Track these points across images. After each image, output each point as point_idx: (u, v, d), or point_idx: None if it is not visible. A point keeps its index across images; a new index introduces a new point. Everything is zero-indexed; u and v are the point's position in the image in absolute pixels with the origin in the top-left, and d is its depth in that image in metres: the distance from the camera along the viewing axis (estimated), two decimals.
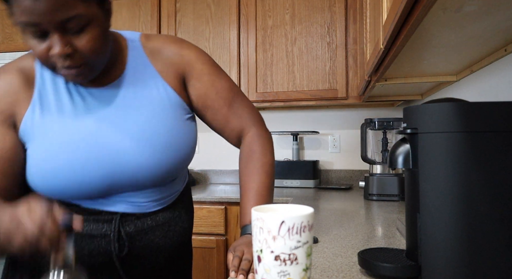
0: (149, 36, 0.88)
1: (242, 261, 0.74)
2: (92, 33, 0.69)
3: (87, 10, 0.68)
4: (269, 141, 0.94)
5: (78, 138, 0.75)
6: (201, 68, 0.87)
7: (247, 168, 0.90)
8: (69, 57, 0.69)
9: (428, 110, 0.60)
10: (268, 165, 0.91)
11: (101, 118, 0.78)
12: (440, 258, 0.59)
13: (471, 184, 0.57)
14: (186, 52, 0.87)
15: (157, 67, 0.84)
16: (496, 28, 0.80)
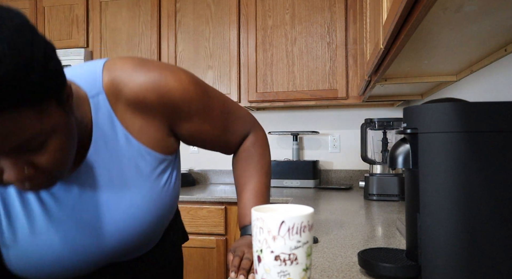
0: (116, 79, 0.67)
1: (243, 261, 0.74)
2: (54, 145, 0.54)
3: (45, 122, 0.51)
4: (266, 141, 0.92)
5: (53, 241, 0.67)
6: (189, 110, 0.73)
7: (247, 169, 0.89)
8: (28, 180, 0.54)
9: (428, 110, 0.60)
10: (267, 166, 0.90)
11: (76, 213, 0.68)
12: (440, 258, 0.59)
13: (471, 184, 0.57)
14: (167, 98, 0.70)
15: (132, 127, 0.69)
16: (496, 28, 0.80)
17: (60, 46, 2.49)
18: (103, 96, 0.66)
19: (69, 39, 2.48)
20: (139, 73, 0.67)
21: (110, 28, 2.44)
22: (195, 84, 0.73)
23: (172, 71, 0.71)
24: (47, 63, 0.50)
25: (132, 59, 0.69)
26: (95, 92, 0.66)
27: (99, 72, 0.67)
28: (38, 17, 2.52)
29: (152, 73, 0.68)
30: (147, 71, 0.68)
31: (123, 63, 0.68)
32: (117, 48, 2.43)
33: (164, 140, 0.73)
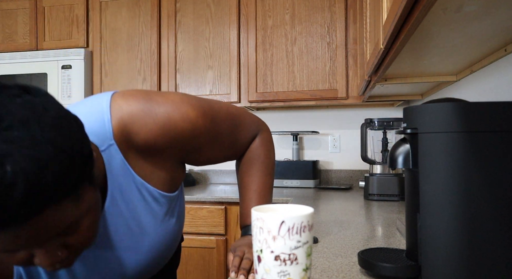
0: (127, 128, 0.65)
1: (243, 260, 0.74)
2: (86, 224, 0.54)
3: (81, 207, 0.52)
4: (271, 141, 0.93)
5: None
6: (199, 144, 0.74)
7: (251, 170, 0.89)
8: (59, 263, 0.54)
9: (428, 110, 0.60)
10: (271, 167, 0.91)
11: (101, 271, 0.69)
12: (440, 258, 0.59)
13: (471, 184, 0.57)
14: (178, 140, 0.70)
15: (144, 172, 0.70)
16: (496, 28, 0.80)
17: (60, 46, 2.49)
18: (115, 147, 0.66)
19: (69, 39, 2.48)
20: (147, 119, 0.66)
21: (110, 28, 2.44)
22: (203, 117, 0.72)
23: (179, 109, 0.69)
24: (82, 149, 0.50)
25: (137, 101, 0.67)
26: (107, 145, 0.65)
27: (108, 123, 0.65)
28: (38, 17, 2.52)
29: (160, 117, 0.67)
30: (155, 116, 0.67)
31: (129, 107, 0.66)
32: (117, 48, 2.43)
33: (175, 176, 0.75)
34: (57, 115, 0.48)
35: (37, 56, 2.43)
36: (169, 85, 2.36)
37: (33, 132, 0.44)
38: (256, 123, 0.89)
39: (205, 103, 0.75)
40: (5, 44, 2.55)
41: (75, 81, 2.38)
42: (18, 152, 0.43)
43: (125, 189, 0.68)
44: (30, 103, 0.47)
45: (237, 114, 0.83)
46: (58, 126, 0.47)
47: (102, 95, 0.69)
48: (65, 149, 0.47)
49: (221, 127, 0.77)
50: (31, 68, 2.44)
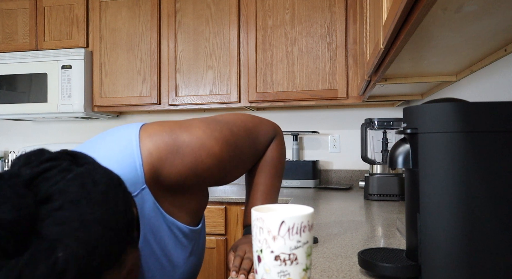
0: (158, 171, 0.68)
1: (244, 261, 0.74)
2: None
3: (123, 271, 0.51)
4: (283, 145, 0.94)
5: None
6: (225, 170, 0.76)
7: (262, 171, 0.90)
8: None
9: (428, 110, 0.60)
10: (281, 170, 0.93)
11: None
12: (440, 258, 0.59)
13: (471, 184, 0.57)
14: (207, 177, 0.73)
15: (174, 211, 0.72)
16: (496, 28, 0.80)
17: (60, 46, 2.49)
18: (147, 190, 0.67)
19: (69, 39, 2.48)
20: (176, 162, 0.69)
21: (110, 28, 2.44)
22: (227, 149, 0.75)
23: (204, 147, 0.71)
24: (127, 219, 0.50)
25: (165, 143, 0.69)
26: (139, 190, 0.67)
27: (140, 168, 0.66)
28: (38, 17, 2.52)
29: (187, 158, 0.69)
30: (183, 156, 0.69)
31: (158, 150, 0.68)
32: (117, 48, 2.43)
33: (200, 205, 0.78)
34: (105, 189, 0.49)
35: (37, 56, 2.43)
36: (169, 85, 2.36)
37: (82, 211, 0.45)
38: (272, 129, 0.91)
39: (226, 131, 0.76)
40: (5, 44, 2.55)
41: (75, 81, 2.38)
42: (68, 236, 0.43)
43: (157, 229, 0.70)
44: (80, 178, 0.47)
45: (254, 128, 0.85)
46: (106, 201, 0.48)
47: (130, 132, 0.69)
48: (113, 226, 0.47)
49: (243, 148, 0.80)
50: (31, 68, 2.44)
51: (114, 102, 2.42)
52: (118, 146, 0.68)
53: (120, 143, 0.68)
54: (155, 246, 0.72)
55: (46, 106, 2.41)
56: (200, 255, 0.83)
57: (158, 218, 0.70)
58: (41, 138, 2.89)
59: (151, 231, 0.70)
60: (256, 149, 0.85)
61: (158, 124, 0.72)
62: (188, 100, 2.34)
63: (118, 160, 0.66)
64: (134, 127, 0.71)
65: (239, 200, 1.96)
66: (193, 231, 0.77)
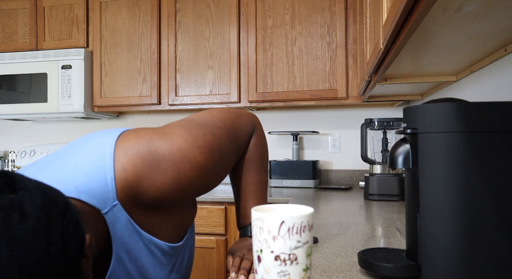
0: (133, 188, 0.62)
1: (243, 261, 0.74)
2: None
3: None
4: (264, 137, 0.91)
5: None
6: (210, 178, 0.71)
7: (247, 169, 0.88)
8: None
9: (428, 110, 0.60)
10: (266, 165, 0.90)
11: None
12: (440, 258, 0.59)
13: (471, 184, 0.57)
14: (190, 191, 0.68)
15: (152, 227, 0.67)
16: (496, 28, 0.80)
17: (60, 46, 2.49)
18: (119, 207, 0.62)
19: (69, 39, 2.48)
20: (155, 178, 0.63)
21: (110, 28, 2.44)
22: (211, 157, 0.69)
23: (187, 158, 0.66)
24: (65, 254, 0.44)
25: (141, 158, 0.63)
26: (110, 207, 0.61)
27: (111, 183, 0.61)
28: (38, 17, 2.52)
29: (169, 174, 0.64)
30: (164, 172, 0.63)
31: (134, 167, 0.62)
32: (117, 48, 2.43)
33: (185, 219, 0.73)
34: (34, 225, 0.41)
35: (37, 56, 2.43)
36: (169, 85, 2.36)
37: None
38: (250, 122, 0.87)
39: (209, 135, 0.71)
40: (5, 44, 2.55)
41: (75, 81, 2.38)
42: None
43: (132, 247, 0.65)
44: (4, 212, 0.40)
45: (233, 126, 0.80)
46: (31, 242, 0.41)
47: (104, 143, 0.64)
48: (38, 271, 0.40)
49: (227, 151, 0.75)
50: (31, 68, 2.44)
51: (114, 102, 2.42)
52: (89, 157, 0.62)
53: (92, 153, 0.63)
54: (130, 265, 0.66)
55: (46, 106, 2.41)
56: (184, 272, 0.77)
57: (133, 236, 0.64)
58: (41, 138, 2.89)
59: (125, 250, 0.64)
60: (238, 147, 0.81)
61: (135, 134, 0.66)
62: (188, 100, 2.34)
63: (88, 173, 0.60)
64: (111, 136, 0.65)
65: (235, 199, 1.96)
66: (173, 248, 0.71)
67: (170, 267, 0.72)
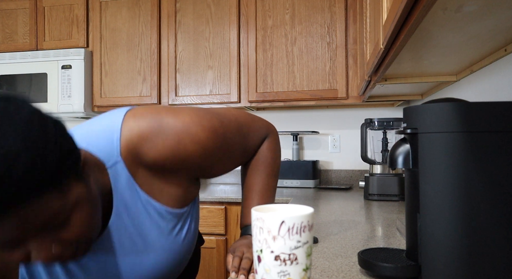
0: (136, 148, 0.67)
1: (243, 260, 0.74)
2: (78, 218, 0.55)
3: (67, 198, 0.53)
4: (278, 144, 0.93)
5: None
6: (211, 163, 0.74)
7: (257, 170, 0.89)
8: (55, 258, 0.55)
9: (428, 110, 0.60)
10: (277, 169, 0.92)
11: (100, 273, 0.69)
12: (440, 258, 0.59)
13: (471, 184, 0.57)
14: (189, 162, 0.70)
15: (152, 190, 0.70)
16: (496, 28, 0.80)
17: (60, 46, 2.49)
18: (121, 164, 0.67)
19: (69, 39, 2.48)
20: (156, 141, 0.67)
21: (110, 28, 2.44)
22: (214, 138, 0.72)
23: (189, 131, 0.69)
24: (60, 146, 0.51)
25: (147, 122, 0.68)
26: (113, 162, 0.67)
27: (116, 141, 0.66)
28: (38, 17, 2.52)
29: (169, 140, 0.68)
30: (165, 138, 0.68)
31: (139, 128, 0.67)
32: (117, 48, 2.43)
33: (185, 193, 0.75)
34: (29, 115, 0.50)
35: (37, 56, 2.44)
36: (169, 85, 2.36)
37: (3, 129, 0.46)
38: (265, 127, 0.89)
39: (215, 120, 0.74)
40: (5, 44, 2.55)
41: (75, 81, 2.38)
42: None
43: (131, 205, 0.69)
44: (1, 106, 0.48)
45: (246, 123, 0.83)
46: (30, 123, 0.49)
47: (116, 113, 0.70)
48: (37, 142, 0.48)
49: (232, 141, 0.77)
50: (31, 68, 2.44)
51: (114, 102, 2.42)
52: (101, 122, 0.69)
53: (105, 120, 0.70)
54: (128, 221, 0.69)
55: (46, 106, 2.41)
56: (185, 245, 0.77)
57: (132, 194, 0.69)
58: None
59: (124, 205, 0.68)
60: (246, 145, 0.83)
61: (146, 107, 0.72)
62: (188, 100, 2.34)
63: (98, 134, 0.67)
64: (123, 110, 0.71)
65: (239, 200, 1.96)
66: (171, 213, 0.73)
67: (168, 231, 0.73)
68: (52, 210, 0.51)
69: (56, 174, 0.50)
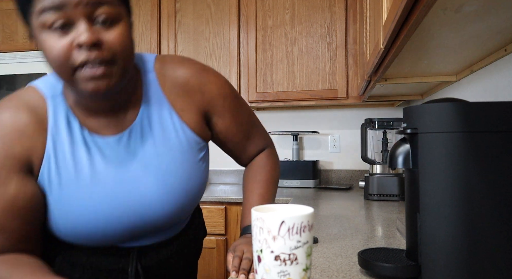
0: (166, 65, 0.78)
1: (243, 261, 0.74)
2: (120, 29, 0.63)
3: (116, 3, 0.63)
4: (278, 158, 1.00)
5: (98, 196, 0.70)
6: (223, 105, 0.82)
7: (257, 175, 0.92)
8: (96, 48, 0.61)
9: (428, 110, 0.60)
10: (276, 178, 0.96)
11: (121, 173, 0.73)
12: (440, 258, 0.59)
13: (471, 184, 0.57)
14: (207, 88, 0.80)
15: (175, 106, 0.77)
16: (496, 28, 0.80)
17: None
18: (153, 74, 0.77)
19: None
20: (185, 63, 0.80)
21: None
22: (230, 87, 0.85)
23: (213, 71, 0.83)
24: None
25: (182, 56, 0.82)
26: (147, 70, 0.77)
27: (152, 57, 0.79)
28: None
29: (196, 64, 0.81)
30: (193, 63, 0.81)
31: (173, 56, 0.81)
32: None
33: (200, 124, 0.81)
34: None
35: (37, 56, 2.44)
36: None
37: None
38: (268, 138, 0.98)
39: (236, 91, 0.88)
40: (5, 44, 2.55)
41: None
42: None
43: (156, 111, 0.76)
44: None
45: (256, 117, 0.93)
46: None
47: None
48: None
49: (242, 108, 0.88)
50: (31, 68, 2.44)
51: None
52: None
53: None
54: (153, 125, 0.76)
55: None
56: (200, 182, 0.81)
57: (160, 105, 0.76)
58: None
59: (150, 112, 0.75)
60: (251, 132, 0.91)
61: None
62: None
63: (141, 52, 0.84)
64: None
65: (239, 200, 1.96)
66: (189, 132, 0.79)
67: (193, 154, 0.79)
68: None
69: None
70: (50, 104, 0.71)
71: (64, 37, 0.61)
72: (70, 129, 0.71)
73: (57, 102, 0.72)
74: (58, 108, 0.71)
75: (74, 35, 0.60)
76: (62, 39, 0.61)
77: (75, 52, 0.61)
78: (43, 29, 0.61)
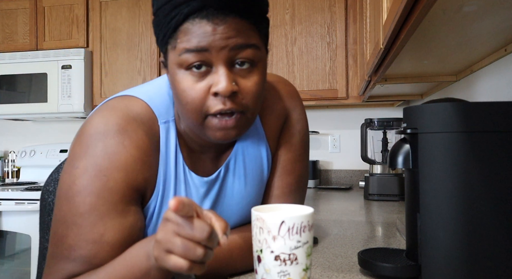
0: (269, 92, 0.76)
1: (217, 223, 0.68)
2: (257, 76, 0.61)
3: (259, 45, 0.60)
4: None
5: None
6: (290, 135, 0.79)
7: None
8: (231, 99, 0.58)
9: (428, 110, 0.60)
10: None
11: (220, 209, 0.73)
12: (440, 258, 0.59)
13: (471, 184, 0.57)
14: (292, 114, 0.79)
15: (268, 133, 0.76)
16: (496, 28, 0.80)
17: (60, 46, 2.48)
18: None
19: (69, 39, 2.48)
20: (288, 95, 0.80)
21: (110, 28, 2.44)
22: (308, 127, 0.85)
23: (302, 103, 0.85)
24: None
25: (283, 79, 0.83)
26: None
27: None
28: (38, 17, 2.52)
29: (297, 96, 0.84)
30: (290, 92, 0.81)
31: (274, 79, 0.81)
32: (117, 48, 2.43)
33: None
34: None
35: (37, 56, 2.43)
36: None
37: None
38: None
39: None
40: (5, 44, 2.55)
41: (75, 81, 2.38)
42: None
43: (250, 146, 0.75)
44: None
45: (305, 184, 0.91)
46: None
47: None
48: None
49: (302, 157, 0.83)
50: (31, 68, 2.44)
51: None
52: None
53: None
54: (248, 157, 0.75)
55: (46, 106, 2.41)
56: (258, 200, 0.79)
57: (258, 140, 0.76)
58: (41, 138, 2.89)
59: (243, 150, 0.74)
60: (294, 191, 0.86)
61: None
62: None
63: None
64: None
65: None
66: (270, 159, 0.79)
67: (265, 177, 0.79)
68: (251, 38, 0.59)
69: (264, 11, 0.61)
70: (163, 129, 0.67)
71: (201, 81, 0.59)
72: (176, 162, 0.68)
73: (169, 128, 0.67)
74: (169, 136, 0.67)
75: (211, 81, 0.58)
76: (199, 83, 0.59)
77: (210, 99, 0.59)
78: (181, 68, 0.59)
